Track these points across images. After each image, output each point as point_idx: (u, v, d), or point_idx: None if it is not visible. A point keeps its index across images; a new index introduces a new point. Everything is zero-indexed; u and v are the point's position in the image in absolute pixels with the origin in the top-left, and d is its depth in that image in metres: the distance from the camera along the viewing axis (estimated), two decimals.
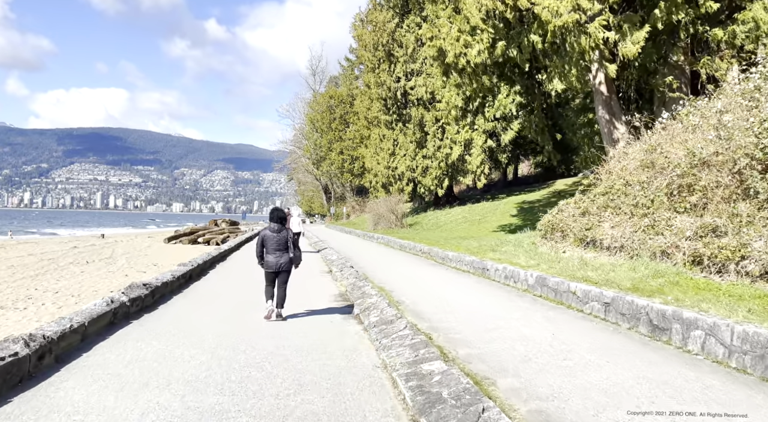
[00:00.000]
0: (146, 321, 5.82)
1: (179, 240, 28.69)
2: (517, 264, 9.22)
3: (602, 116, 15.18)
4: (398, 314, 6.05)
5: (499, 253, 11.39)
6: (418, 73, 30.47)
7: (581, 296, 6.33)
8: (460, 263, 11.54)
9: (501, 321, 5.83)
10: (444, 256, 12.75)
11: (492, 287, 8.63)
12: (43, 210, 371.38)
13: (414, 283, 9.23)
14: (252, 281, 9.43)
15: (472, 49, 14.44)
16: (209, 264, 11.87)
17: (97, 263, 17.81)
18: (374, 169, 33.62)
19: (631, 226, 8.96)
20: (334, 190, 66.83)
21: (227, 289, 8.57)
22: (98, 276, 14.41)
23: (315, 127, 62.29)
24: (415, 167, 31.43)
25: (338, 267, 12.01)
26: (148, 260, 19.20)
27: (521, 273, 8.30)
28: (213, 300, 7.38)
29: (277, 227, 6.32)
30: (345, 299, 8.13)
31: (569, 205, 11.44)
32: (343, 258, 13.66)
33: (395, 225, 28.43)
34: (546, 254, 10.06)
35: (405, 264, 12.70)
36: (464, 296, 7.69)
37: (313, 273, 11.43)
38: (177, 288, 8.26)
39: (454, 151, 29.99)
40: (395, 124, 32.24)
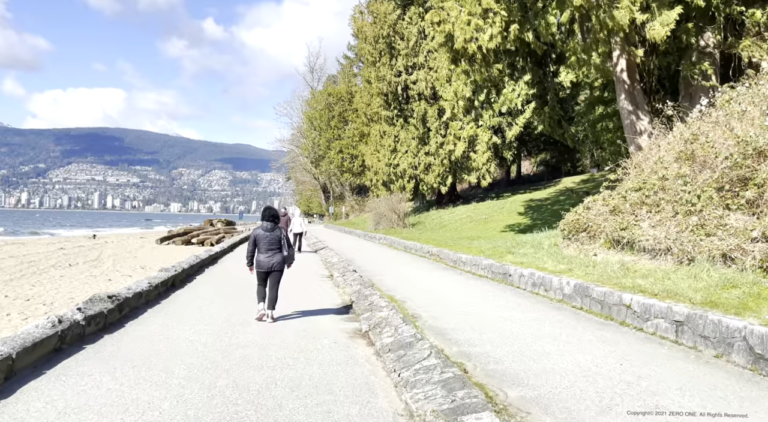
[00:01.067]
0: (104, 347, 4.66)
1: (172, 240, 27.51)
2: (545, 269, 8.09)
3: (624, 107, 14.06)
4: (417, 334, 4.91)
5: (518, 256, 10.26)
6: (421, 67, 29.32)
7: (639, 311, 5.20)
8: (475, 267, 10.40)
9: (547, 344, 4.69)
10: (456, 259, 11.61)
11: (519, 296, 7.49)
12: (41, 210, 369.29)
13: (427, 291, 8.09)
14: (243, 289, 8.29)
15: (484, 34, 13.30)
16: (197, 269, 10.72)
17: (80, 266, 16.63)
18: (375, 167, 32.47)
19: (676, 226, 7.83)
20: (332, 189, 65.67)
21: (213, 300, 7.41)
22: (79, 281, 13.24)
23: (313, 126, 61.11)
24: (417, 164, 30.29)
25: (340, 271, 10.87)
26: (137, 262, 18.03)
27: (554, 280, 7.17)
28: (194, 315, 6.23)
29: (269, 226, 6.06)
30: (350, 310, 7.00)
31: (596, 203, 10.31)
32: (345, 261, 12.52)
33: (397, 224, 27.30)
34: (575, 257, 8.93)
35: (413, 268, 11.56)
36: (490, 308, 6.55)
37: (313, 278, 10.28)
38: (154, 299, 7.10)
39: (458, 147, 28.85)
40: (396, 120, 31.09)
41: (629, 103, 14.00)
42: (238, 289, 8.39)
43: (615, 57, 13.76)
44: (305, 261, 14.05)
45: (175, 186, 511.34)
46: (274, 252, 6.00)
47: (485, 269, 9.88)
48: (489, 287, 8.47)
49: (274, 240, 6.01)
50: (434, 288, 8.48)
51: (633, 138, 13.98)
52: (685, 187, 8.35)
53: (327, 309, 6.97)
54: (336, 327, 5.90)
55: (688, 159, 9.02)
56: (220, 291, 8.24)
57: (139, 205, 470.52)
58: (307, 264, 13.16)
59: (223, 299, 7.46)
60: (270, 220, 6.09)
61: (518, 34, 13.07)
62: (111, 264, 17.07)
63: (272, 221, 6.11)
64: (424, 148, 29.98)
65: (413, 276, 10.21)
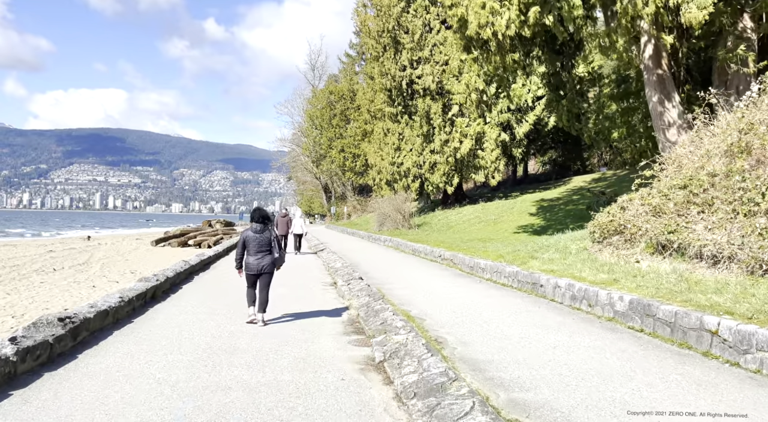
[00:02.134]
0: (37, 392, 3.54)
1: (168, 242, 26.42)
2: (584, 280, 6.96)
3: (652, 97, 12.94)
4: (449, 371, 3.79)
5: (544, 262, 9.14)
6: (426, 61, 28.19)
7: (732, 340, 4.07)
8: (497, 274, 9.27)
9: (622, 387, 3.57)
10: (473, 265, 10.48)
11: (557, 312, 6.37)
12: (43, 211, 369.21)
13: (448, 305, 6.96)
14: (234, 301, 7.18)
15: (501, 18, 12.17)
16: (185, 276, 9.61)
17: (66, 270, 15.55)
18: (378, 166, 31.35)
19: (739, 228, 6.70)
20: (334, 189, 64.57)
21: (197, 317, 6.30)
22: (59, 289, 12.15)
23: (314, 124, 60.01)
24: (422, 163, 29.16)
25: (344, 278, 9.75)
26: (127, 266, 16.94)
27: (600, 293, 6.03)
28: (170, 339, 5.12)
29: (259, 227, 5.93)
30: (358, 329, 5.88)
31: (633, 202, 9.18)
32: (350, 266, 11.41)
33: (402, 225, 26.17)
34: (614, 265, 7.80)
35: (426, 275, 10.43)
36: (530, 330, 5.43)
37: (314, 286, 9.17)
38: (126, 317, 5.99)
39: (464, 145, 27.71)
40: (401, 117, 29.97)
41: (658, 93, 12.89)
42: (228, 301, 7.28)
43: (642, 43, 12.64)
44: (306, 264, 12.95)
45: (176, 186, 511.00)
46: (264, 255, 5.89)
47: (509, 277, 8.75)
48: (517, 300, 7.34)
49: (264, 242, 5.89)
50: (455, 300, 7.35)
51: (662, 131, 12.85)
52: (744, 184, 7.22)
53: (330, 328, 5.86)
54: (342, 354, 4.79)
55: (743, 152, 7.88)
56: (207, 304, 7.12)
57: (140, 205, 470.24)
58: (308, 269, 12.06)
59: (209, 315, 6.34)
60: (259, 222, 5.95)
61: (538, 18, 11.93)
62: (99, 269, 15.99)
63: (262, 222, 5.96)
64: (429, 145, 28.85)
65: (428, 284, 9.09)
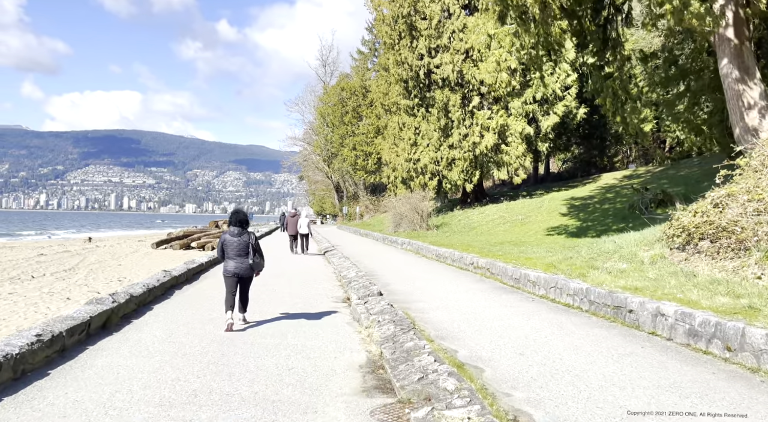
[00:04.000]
0: None
1: (170, 245, 24.77)
2: (699, 306, 4.92)
3: (730, 74, 10.78)
4: None
5: (613, 275, 7.10)
6: (445, 49, 26.13)
7: None
8: (556, 291, 7.25)
9: None
10: (519, 276, 8.45)
11: (680, 359, 4.30)
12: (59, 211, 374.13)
13: (512, 344, 4.94)
14: (217, 341, 5.28)
15: None
16: (162, 292, 7.75)
17: (46, 278, 13.86)
18: (393, 163, 29.38)
19: None
20: (346, 188, 62.78)
21: (153, 367, 4.39)
22: (26, 302, 10.39)
23: (326, 122, 58.28)
24: (440, 159, 27.12)
25: (360, 292, 7.82)
26: (117, 273, 15.23)
27: (755, 334, 3.98)
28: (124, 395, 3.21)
29: (237, 231, 5.77)
30: (383, 383, 3.94)
31: (735, 198, 7.08)
32: (366, 276, 9.46)
33: (420, 226, 24.18)
34: (727, 281, 5.73)
35: (461, 290, 8.43)
36: (662, 399, 3.42)
37: (321, 304, 7.24)
38: (42, 366, 4.10)
39: (485, 139, 25.61)
40: (417, 110, 27.96)
41: (736, 69, 10.73)
42: (207, 334, 5.38)
43: (717, 8, 10.49)
44: (313, 272, 11.04)
45: (190, 187, 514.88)
46: (243, 259, 5.75)
47: (575, 296, 6.72)
48: (602, 331, 5.30)
49: (242, 245, 5.73)
50: (513, 332, 5.35)
51: (740, 113, 10.71)
52: None
53: (342, 381, 3.91)
54: None
55: None
56: (176, 339, 5.21)
57: (154, 206, 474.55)
58: (316, 279, 10.14)
59: (173, 362, 4.42)
60: (237, 225, 5.78)
61: None
62: (84, 276, 14.27)
63: (239, 226, 5.78)
64: (448, 140, 26.80)
65: (468, 305, 7.09)
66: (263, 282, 8.97)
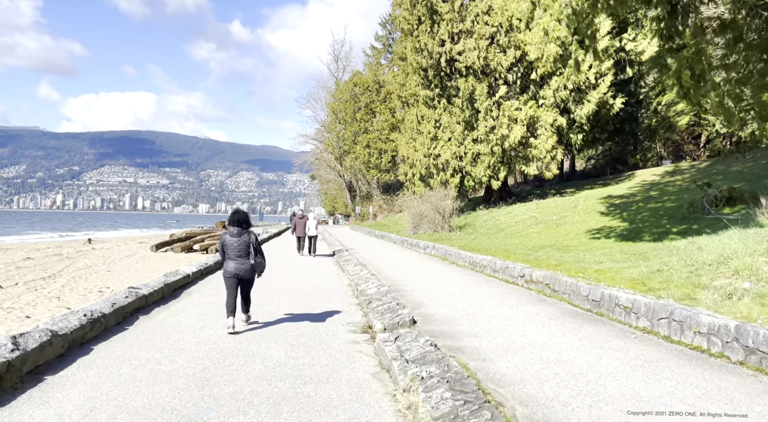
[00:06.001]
0: None
1: (170, 247, 22.94)
2: None
3: None
4: None
5: (726, 296, 4.90)
6: (468, 34, 23.91)
7: None
8: (673, 326, 5.04)
9: None
10: (598, 298, 6.25)
11: None
12: (75, 211, 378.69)
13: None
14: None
15: None
16: (125, 316, 5.73)
17: (18, 287, 11.99)
18: (411, 158, 27.23)
19: None
20: (359, 187, 60.75)
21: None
22: None
23: (338, 118, 56.32)
24: (463, 154, 24.91)
25: (385, 318, 5.71)
26: (102, 281, 13.35)
27: None
28: None
29: (236, 231, 5.63)
30: None
31: None
32: (390, 292, 7.35)
33: (441, 227, 22.01)
34: None
35: (526, 318, 6.25)
36: None
37: (333, 340, 5.09)
38: None
39: (514, 131, 23.34)
40: (438, 101, 25.78)
41: None
42: (157, 413, 3.33)
43: None
44: (324, 283, 8.95)
45: (203, 187, 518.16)
46: (244, 260, 5.57)
47: (716, 337, 4.50)
48: None
49: (243, 246, 5.56)
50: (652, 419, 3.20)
51: None
52: None
53: None
54: None
55: None
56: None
57: (168, 206, 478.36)
58: (327, 293, 8.05)
59: None
60: (237, 225, 5.64)
61: None
62: (61, 286, 12.39)
63: (239, 226, 5.63)
64: (472, 133, 24.57)
65: (548, 344, 4.93)
66: (262, 297, 6.94)
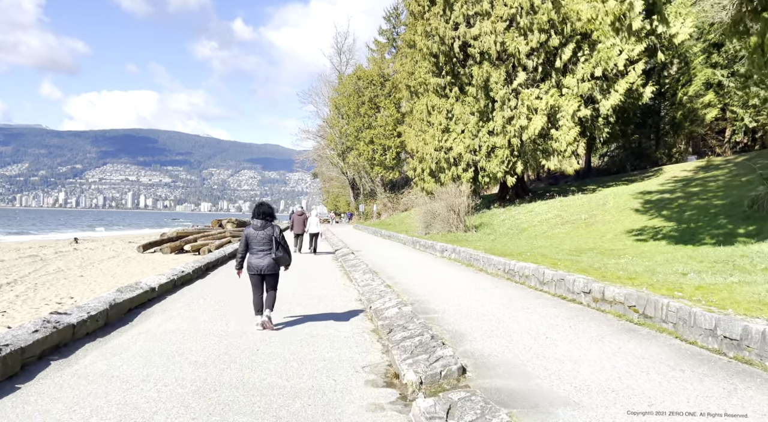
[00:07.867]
0: None
1: (159, 248, 21.02)
2: None
3: None
4: None
5: None
6: (485, 16, 21.89)
7: None
8: None
9: None
10: (739, 336, 4.26)
11: None
12: (77, 210, 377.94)
13: None
14: None
15: None
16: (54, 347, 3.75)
17: None
18: (420, 152, 25.23)
19: None
20: (362, 185, 58.70)
21: None
22: None
23: (341, 113, 54.33)
24: (478, 147, 22.92)
25: (416, 360, 3.71)
26: (68, 289, 11.41)
27: None
28: None
29: (260, 224, 5.56)
30: None
31: None
32: (415, 316, 5.35)
33: (456, 227, 20.03)
34: None
35: (629, 363, 4.21)
36: None
37: (343, 396, 3.11)
38: None
39: (534, 122, 21.32)
40: (449, 90, 23.78)
41: None
42: None
43: None
44: (327, 296, 6.93)
45: (205, 186, 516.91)
46: (266, 253, 5.48)
47: None
48: None
49: (265, 239, 5.47)
50: None
51: None
52: None
53: None
54: None
55: None
56: None
57: (170, 204, 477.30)
58: (329, 307, 6.04)
59: None
60: (260, 218, 5.57)
61: None
62: (15, 295, 10.44)
63: (263, 218, 5.57)
64: (487, 125, 22.57)
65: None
66: (246, 322, 4.97)
